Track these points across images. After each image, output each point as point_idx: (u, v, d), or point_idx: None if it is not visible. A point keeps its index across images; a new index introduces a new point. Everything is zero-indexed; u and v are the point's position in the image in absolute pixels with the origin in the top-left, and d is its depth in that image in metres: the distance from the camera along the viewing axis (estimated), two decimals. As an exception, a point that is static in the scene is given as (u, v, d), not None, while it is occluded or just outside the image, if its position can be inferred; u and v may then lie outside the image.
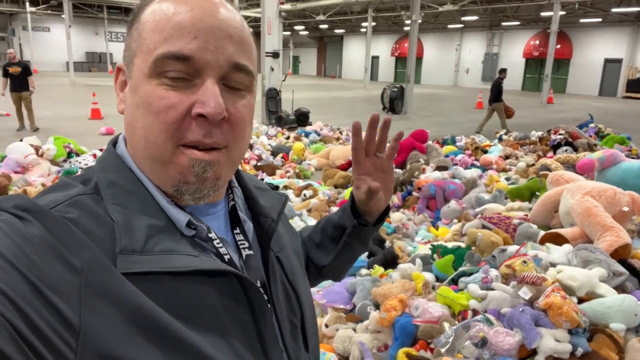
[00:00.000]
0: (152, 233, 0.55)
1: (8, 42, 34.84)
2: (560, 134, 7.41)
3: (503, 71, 11.34)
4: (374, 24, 29.59)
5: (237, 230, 0.67)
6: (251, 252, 0.66)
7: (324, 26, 37.83)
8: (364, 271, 3.04)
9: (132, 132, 0.60)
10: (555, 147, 6.78)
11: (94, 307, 0.47)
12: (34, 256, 0.45)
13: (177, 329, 0.51)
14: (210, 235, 0.61)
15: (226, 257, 0.61)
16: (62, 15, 23.84)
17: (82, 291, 0.47)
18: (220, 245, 0.61)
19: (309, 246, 0.95)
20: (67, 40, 22.13)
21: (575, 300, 2.05)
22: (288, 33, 41.70)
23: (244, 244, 0.66)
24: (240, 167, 0.76)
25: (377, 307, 2.55)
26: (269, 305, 0.64)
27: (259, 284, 0.64)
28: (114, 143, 0.65)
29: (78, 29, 32.14)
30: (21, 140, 5.82)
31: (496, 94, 10.90)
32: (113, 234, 0.53)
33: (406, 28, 22.81)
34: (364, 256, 3.22)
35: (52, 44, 33.72)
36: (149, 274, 0.52)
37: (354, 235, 0.88)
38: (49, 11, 31.24)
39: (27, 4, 30.09)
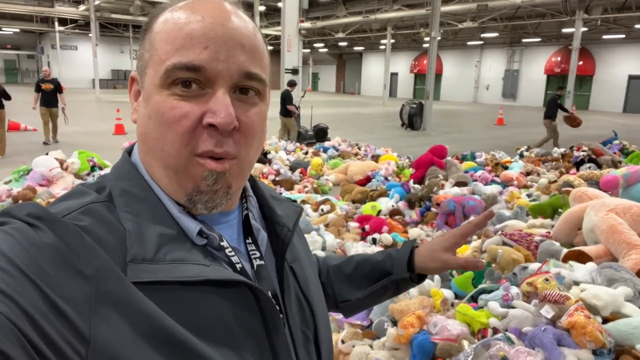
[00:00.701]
0: (163, 242, 0.55)
1: (37, 60, 36.11)
2: (583, 151, 7.26)
3: (561, 88, 11.17)
4: (393, 41, 29.79)
5: (249, 240, 0.66)
6: (262, 262, 0.65)
7: (343, 44, 38.20)
8: (381, 287, 3.00)
9: (146, 142, 0.60)
10: (578, 164, 6.65)
11: (105, 316, 0.47)
12: (45, 264, 0.45)
13: (187, 340, 0.51)
14: (222, 244, 0.60)
15: (238, 266, 0.60)
16: (89, 34, 24.67)
17: (92, 300, 0.47)
18: (233, 254, 0.61)
19: (334, 276, 0.94)
20: (93, 58, 22.84)
21: (599, 319, 1.98)
22: (308, 50, 42.23)
23: (255, 253, 0.65)
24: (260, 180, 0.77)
25: (394, 323, 2.51)
26: (281, 316, 0.63)
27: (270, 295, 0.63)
28: (129, 151, 0.66)
29: (104, 48, 33.13)
30: (47, 154, 5.97)
31: (551, 110, 10.84)
32: (124, 242, 0.53)
33: (425, 45, 22.90)
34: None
35: (79, 62, 34.78)
36: (159, 283, 0.52)
37: (397, 284, 0.91)
38: (77, 30, 32.35)
39: (56, 23, 31.21)
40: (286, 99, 10.53)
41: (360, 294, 0.91)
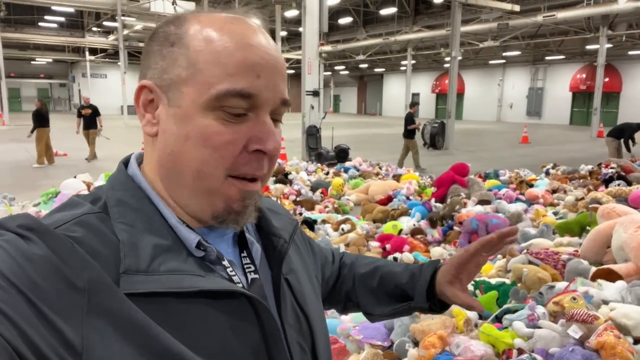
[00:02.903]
0: (158, 252, 0.55)
1: (69, 88, 37.59)
2: (612, 168, 7.07)
3: None
4: (413, 62, 29.92)
5: (244, 254, 0.66)
6: (257, 276, 0.64)
7: (364, 65, 38.57)
8: (402, 307, 2.94)
9: (177, 161, 0.59)
10: (607, 181, 6.46)
11: (97, 328, 0.46)
12: (36, 276, 0.45)
13: (182, 353, 0.50)
14: (220, 258, 0.60)
15: (236, 279, 0.60)
16: (118, 63, 25.62)
17: (85, 312, 0.46)
18: (230, 268, 0.60)
19: (359, 286, 0.93)
20: (122, 85, 23.68)
21: (630, 340, 1.89)
22: (329, 73, 42.75)
23: (250, 267, 0.64)
24: (279, 201, 0.78)
25: (415, 344, 2.45)
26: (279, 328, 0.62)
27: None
28: (126, 163, 0.65)
29: (132, 75, 34.10)
30: (75, 177, 6.14)
31: (618, 132, 10.44)
32: (118, 253, 0.53)
33: (446, 65, 22.93)
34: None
35: (109, 89, 35.97)
36: (153, 294, 0.52)
37: (418, 309, 0.89)
38: (106, 59, 33.69)
39: (87, 53, 32.59)
40: (408, 120, 10.91)
41: (383, 311, 0.91)
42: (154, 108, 0.60)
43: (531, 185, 6.71)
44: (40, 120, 10.62)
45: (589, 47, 24.13)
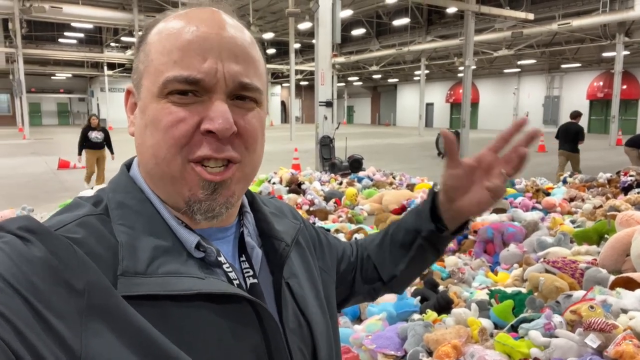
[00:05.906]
0: (157, 254, 0.54)
1: (87, 102, 38.33)
2: (631, 176, 6.92)
3: None
4: (427, 72, 29.88)
5: (243, 258, 0.65)
6: (255, 280, 0.63)
7: (377, 76, 38.65)
8: (416, 316, 2.90)
9: (142, 151, 0.60)
10: (626, 190, 6.34)
11: (96, 331, 0.46)
12: (34, 278, 0.45)
13: (180, 357, 0.50)
14: (219, 259, 0.59)
15: (235, 282, 0.59)
16: (135, 77, 26.01)
17: (83, 314, 0.46)
18: (230, 270, 0.60)
19: (376, 256, 0.88)
20: (139, 99, 24.01)
21: (651, 349, 1.83)
22: (342, 84, 42.93)
23: (248, 272, 0.64)
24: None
25: (429, 354, 2.41)
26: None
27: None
28: (128, 165, 0.66)
29: (149, 89, 34.82)
30: (91, 189, 6.24)
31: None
32: (117, 255, 0.53)
33: (460, 74, 22.82)
34: (416, 300, 3.09)
35: (126, 103, 36.62)
36: (151, 297, 0.51)
37: (430, 241, 0.81)
38: (124, 74, 34.28)
39: (105, 67, 33.29)
40: (580, 133, 9.58)
41: (401, 266, 0.85)
42: (134, 109, 0.63)
43: (548, 194, 6.60)
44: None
45: (605, 54, 23.83)
